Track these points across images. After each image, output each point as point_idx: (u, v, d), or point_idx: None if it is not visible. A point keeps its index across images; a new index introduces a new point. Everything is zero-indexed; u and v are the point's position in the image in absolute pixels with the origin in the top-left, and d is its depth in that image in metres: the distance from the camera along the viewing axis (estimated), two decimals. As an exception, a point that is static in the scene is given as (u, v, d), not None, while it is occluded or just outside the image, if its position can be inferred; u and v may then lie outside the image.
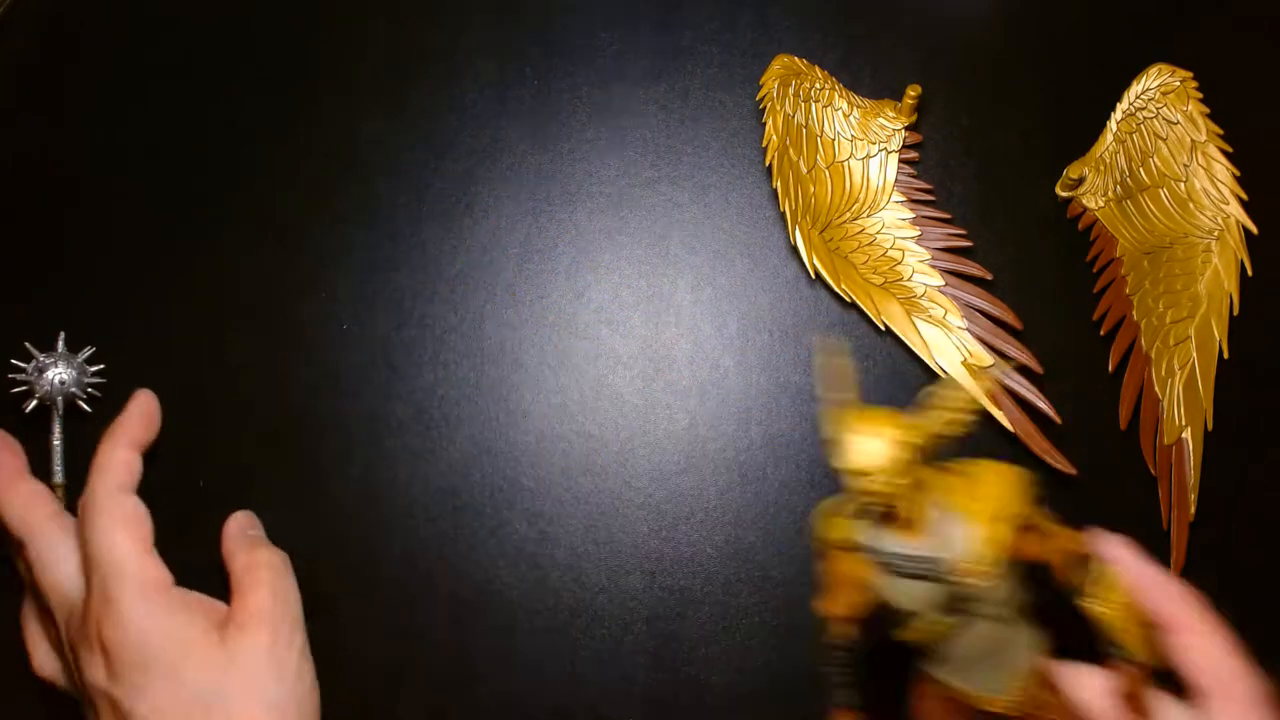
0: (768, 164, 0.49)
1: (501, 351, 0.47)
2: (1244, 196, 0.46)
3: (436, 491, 0.45)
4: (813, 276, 0.47)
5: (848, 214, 0.49)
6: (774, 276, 0.48)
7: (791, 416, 0.46)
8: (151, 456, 0.46)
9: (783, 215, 0.48)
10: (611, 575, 0.44)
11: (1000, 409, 0.44)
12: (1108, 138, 0.48)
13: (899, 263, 0.47)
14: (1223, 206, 0.46)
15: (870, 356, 0.46)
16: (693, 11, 0.53)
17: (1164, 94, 0.47)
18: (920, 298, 0.46)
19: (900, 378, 0.46)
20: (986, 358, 0.45)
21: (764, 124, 0.50)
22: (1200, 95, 0.47)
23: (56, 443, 0.44)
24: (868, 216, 0.49)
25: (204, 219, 0.50)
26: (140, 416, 0.42)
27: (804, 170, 0.49)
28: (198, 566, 0.44)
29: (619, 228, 0.50)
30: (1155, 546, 0.42)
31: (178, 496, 0.45)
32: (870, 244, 0.48)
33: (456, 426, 0.46)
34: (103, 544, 0.37)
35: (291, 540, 0.44)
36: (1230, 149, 0.47)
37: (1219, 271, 0.45)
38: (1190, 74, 0.47)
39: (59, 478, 0.44)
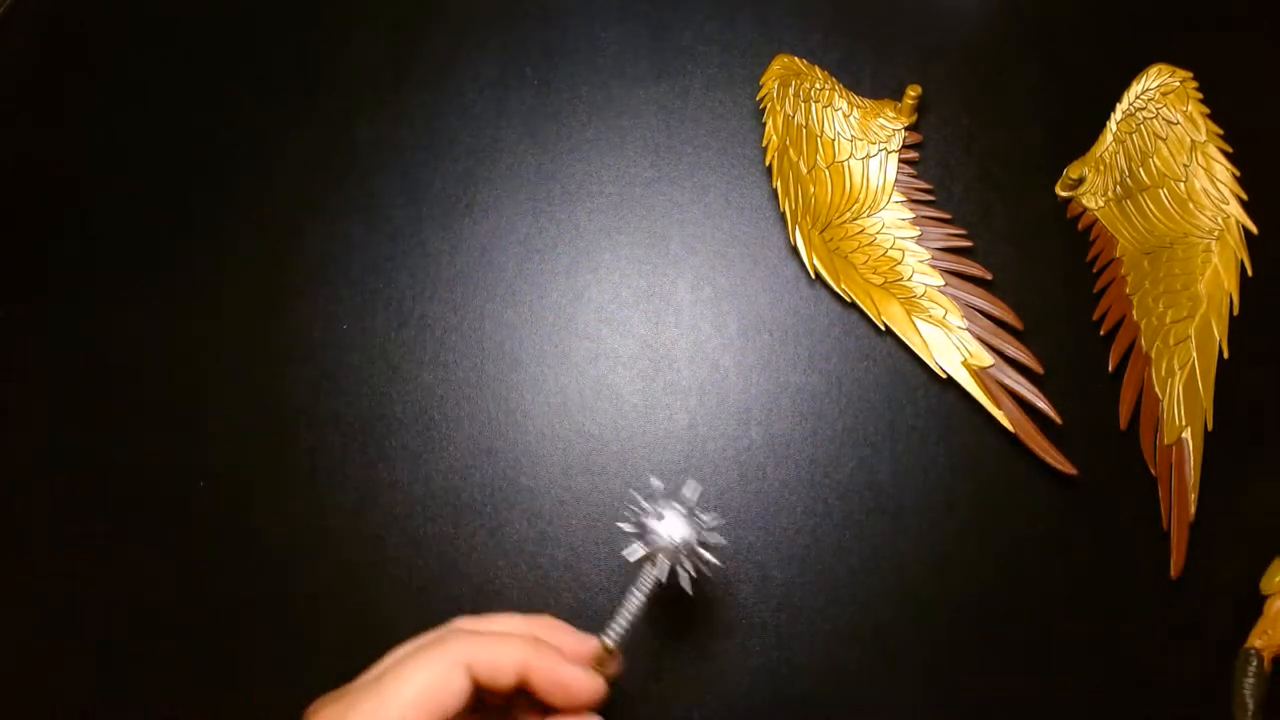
0: (768, 164, 0.49)
1: (501, 351, 0.47)
2: (1244, 196, 0.46)
3: (436, 491, 0.45)
4: (813, 276, 0.47)
5: (848, 214, 0.49)
6: (774, 276, 0.48)
7: (791, 416, 0.46)
8: (151, 455, 0.46)
9: (783, 215, 0.48)
10: (611, 575, 0.44)
11: (1000, 409, 0.44)
12: (1108, 138, 0.48)
13: (899, 263, 0.47)
14: (1223, 206, 0.46)
15: (870, 356, 0.46)
16: (693, 11, 0.53)
17: (1164, 94, 0.47)
18: (920, 298, 0.46)
19: (900, 378, 0.46)
20: (986, 358, 0.45)
21: (764, 124, 0.50)
22: (1200, 95, 0.47)
23: (632, 601, 0.36)
24: (868, 216, 0.49)
25: (203, 218, 0.50)
26: (577, 685, 0.34)
27: (804, 170, 0.49)
28: (197, 569, 0.44)
29: (619, 228, 0.50)
30: (1155, 546, 0.42)
31: (178, 496, 0.45)
32: (870, 244, 0.48)
33: (456, 426, 0.46)
34: (421, 665, 0.32)
35: (292, 540, 0.44)
36: (1230, 149, 0.47)
37: (1219, 271, 0.45)
38: (1190, 74, 0.47)
39: (611, 640, 0.36)
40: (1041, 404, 0.43)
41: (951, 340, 0.45)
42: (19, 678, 0.43)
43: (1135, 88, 0.48)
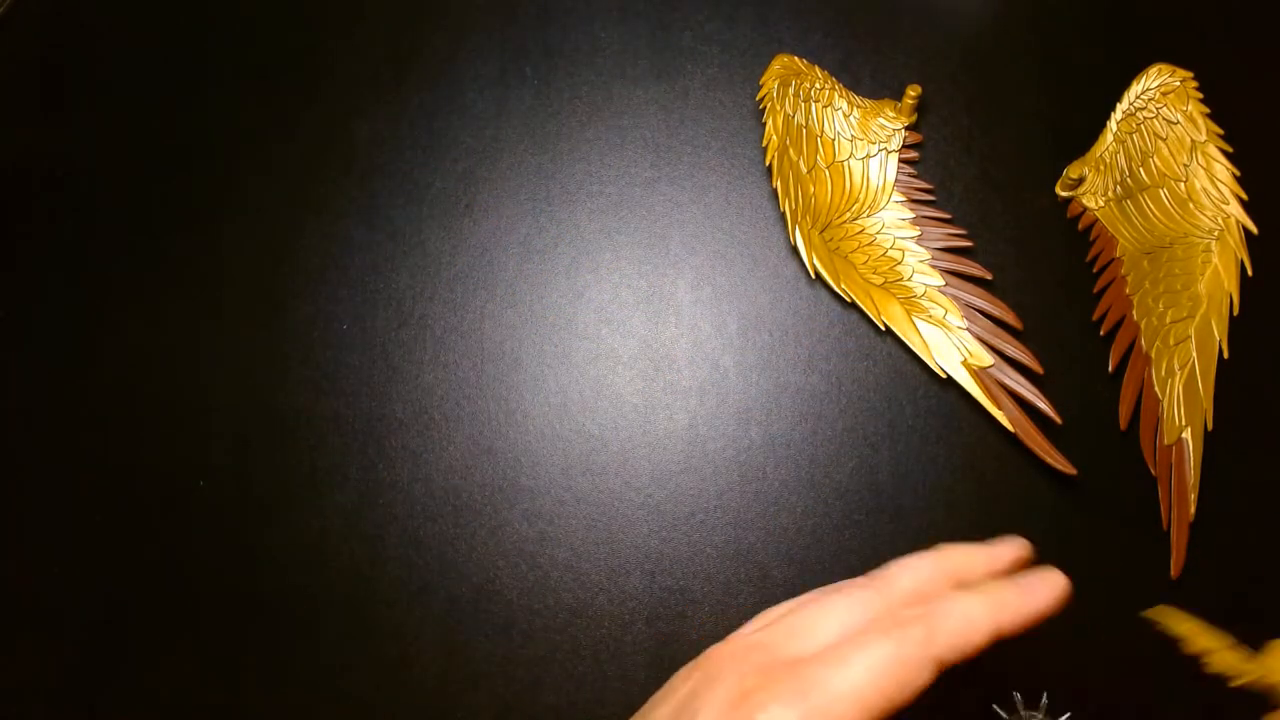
0: (768, 164, 0.49)
1: (501, 351, 0.47)
2: (1244, 196, 0.46)
3: (436, 491, 0.45)
4: (813, 276, 0.47)
5: (848, 214, 0.49)
6: (774, 276, 0.48)
7: (791, 416, 0.46)
8: (151, 455, 0.46)
9: (783, 215, 0.48)
10: (611, 575, 0.44)
11: (1000, 409, 0.44)
12: (1108, 138, 0.48)
13: (899, 263, 0.47)
14: (1223, 206, 0.46)
15: (870, 356, 0.46)
16: (693, 11, 0.53)
17: (1164, 94, 0.47)
18: (920, 298, 0.46)
19: (900, 378, 0.46)
20: (986, 358, 0.45)
21: (764, 124, 0.50)
22: (1200, 95, 0.47)
23: None
24: (868, 216, 0.49)
25: (204, 218, 0.50)
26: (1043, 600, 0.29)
27: (804, 170, 0.49)
28: (196, 569, 0.44)
29: (619, 228, 0.50)
30: (1155, 546, 0.42)
31: (178, 496, 0.45)
32: (870, 244, 0.48)
33: (456, 426, 0.46)
34: (890, 659, 0.27)
35: (292, 540, 0.44)
36: (1230, 149, 0.47)
37: (1219, 271, 0.45)
38: (1190, 74, 0.47)
39: None
40: (1041, 404, 0.43)
41: (951, 340, 0.45)
42: (18, 677, 0.43)
43: (1135, 87, 0.48)
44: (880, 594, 0.29)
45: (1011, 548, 0.31)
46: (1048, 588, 0.29)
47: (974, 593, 0.29)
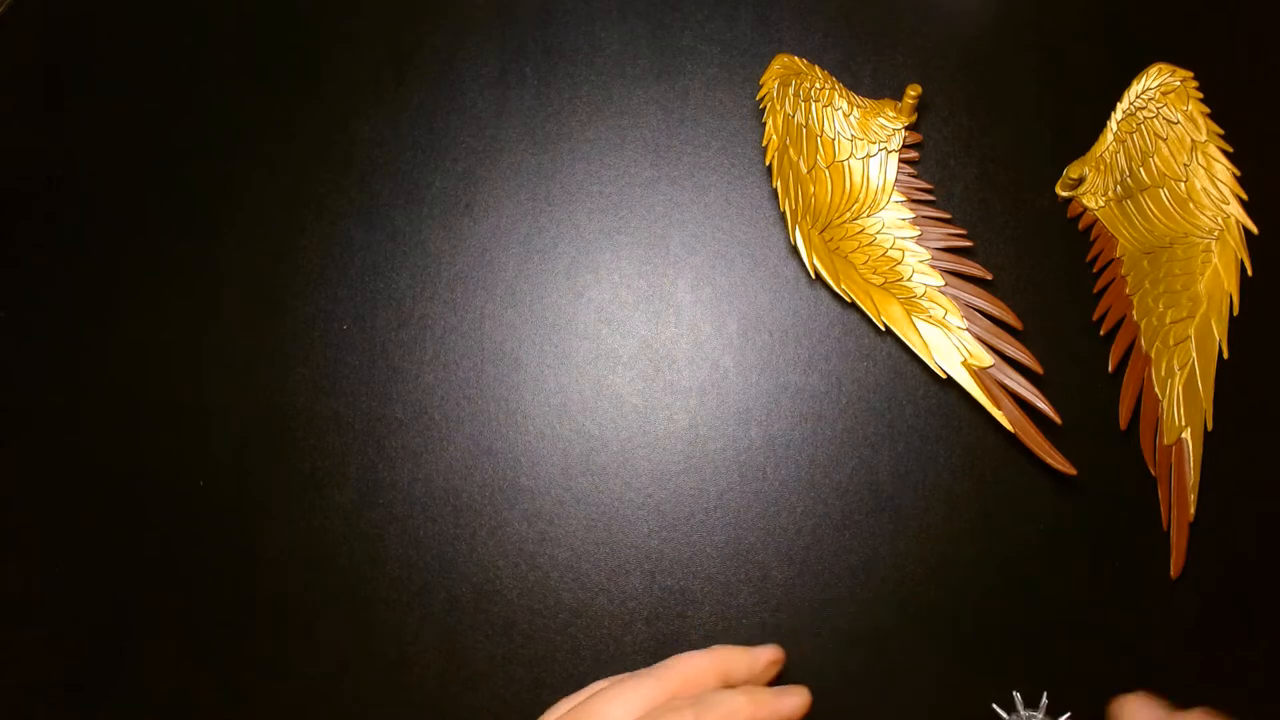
0: (768, 164, 0.49)
1: (501, 351, 0.47)
2: (1244, 196, 0.46)
3: (436, 491, 0.45)
4: (813, 276, 0.47)
5: (848, 214, 0.49)
6: (774, 276, 0.48)
7: (791, 416, 0.46)
8: (151, 455, 0.46)
9: (783, 215, 0.48)
10: (611, 575, 0.44)
11: (1000, 409, 0.44)
12: (1108, 137, 0.48)
13: (899, 263, 0.47)
14: (1223, 206, 0.46)
15: (870, 356, 0.46)
16: (693, 11, 0.53)
17: (1164, 94, 0.47)
18: (920, 298, 0.46)
19: (900, 378, 0.46)
20: (986, 358, 0.45)
21: (764, 124, 0.50)
22: (1200, 95, 0.47)
23: None
24: (868, 216, 0.49)
25: (203, 219, 0.50)
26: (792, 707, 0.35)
27: (804, 170, 0.49)
28: (197, 569, 0.44)
29: (619, 228, 0.50)
30: (1155, 547, 0.42)
31: (178, 496, 0.45)
32: (870, 244, 0.48)
33: (456, 426, 0.46)
34: None
35: (292, 541, 0.45)
36: (1230, 149, 0.47)
37: (1219, 271, 0.45)
38: (1190, 74, 0.47)
39: None
40: (1041, 404, 0.43)
41: (951, 340, 0.45)
42: (18, 677, 0.43)
43: (1136, 87, 0.48)
44: (659, 684, 0.34)
45: (769, 651, 0.37)
46: (796, 698, 0.35)
47: (739, 691, 0.34)
